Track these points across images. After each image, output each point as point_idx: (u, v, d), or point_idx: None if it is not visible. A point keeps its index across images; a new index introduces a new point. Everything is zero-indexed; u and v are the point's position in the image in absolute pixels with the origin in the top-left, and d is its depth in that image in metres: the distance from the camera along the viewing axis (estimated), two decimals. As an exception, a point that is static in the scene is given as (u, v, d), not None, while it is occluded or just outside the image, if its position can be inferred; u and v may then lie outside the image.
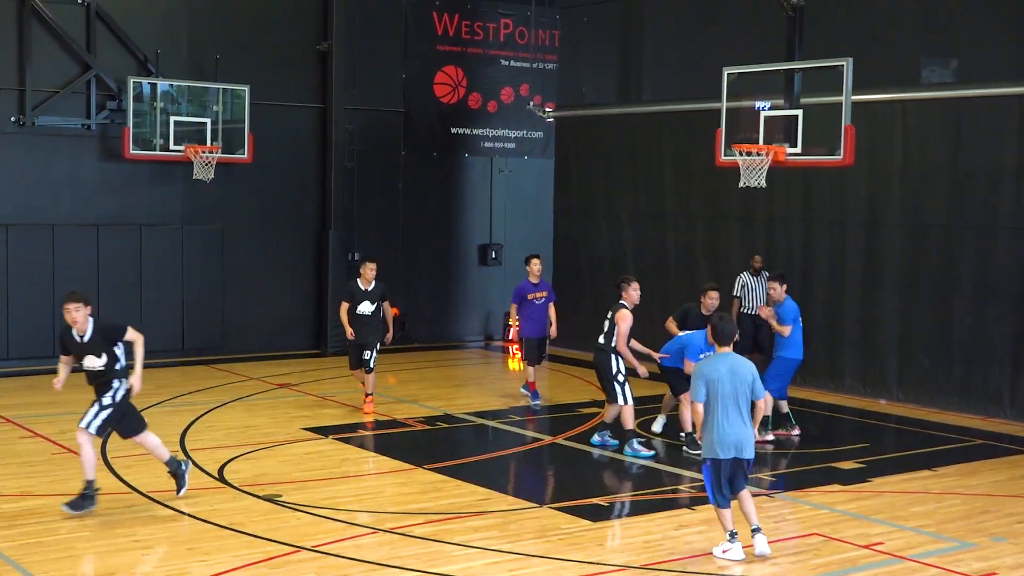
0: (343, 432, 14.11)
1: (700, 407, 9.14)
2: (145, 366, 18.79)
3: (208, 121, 19.33)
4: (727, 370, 9.12)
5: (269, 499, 10.96)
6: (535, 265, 16.53)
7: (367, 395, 15.24)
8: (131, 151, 18.78)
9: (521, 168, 23.65)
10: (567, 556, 9.38)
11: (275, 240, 20.69)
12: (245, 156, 19.59)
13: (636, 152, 20.54)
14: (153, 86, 19.08)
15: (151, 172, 19.47)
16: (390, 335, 15.46)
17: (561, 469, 12.87)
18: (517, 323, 16.56)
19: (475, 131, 23.13)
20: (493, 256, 23.17)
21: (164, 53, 19.55)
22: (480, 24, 23.08)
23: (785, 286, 14.06)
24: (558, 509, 10.83)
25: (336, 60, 21.07)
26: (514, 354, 17.93)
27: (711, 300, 13.78)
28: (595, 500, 11.19)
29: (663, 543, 9.82)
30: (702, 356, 11.93)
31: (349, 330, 14.93)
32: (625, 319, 12.94)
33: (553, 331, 16.41)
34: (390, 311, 15.39)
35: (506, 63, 23.46)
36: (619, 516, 10.89)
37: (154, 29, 19.61)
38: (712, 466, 9.17)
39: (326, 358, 20.15)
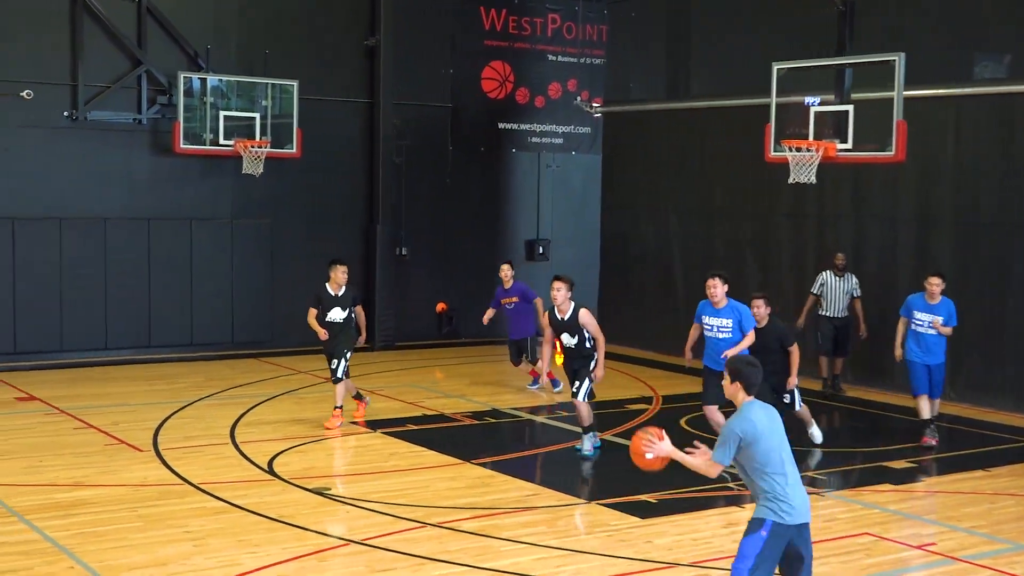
0: (391, 426, 14.16)
1: (718, 470, 7.13)
2: (196, 359, 19.15)
3: (257, 116, 19.43)
4: (768, 420, 7.10)
5: (318, 492, 11.03)
6: (503, 271, 16.83)
7: (335, 407, 13.99)
8: (181, 145, 18.93)
9: (568, 163, 23.62)
10: (615, 552, 9.38)
11: (323, 235, 20.75)
12: (294, 151, 19.69)
13: (684, 148, 20.47)
14: (203, 81, 19.22)
15: (201, 166, 19.62)
16: (363, 337, 14.34)
17: (609, 465, 12.82)
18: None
19: (522, 126, 23.13)
20: (540, 251, 23.15)
21: (214, 48, 19.68)
22: (527, 19, 23.06)
23: (944, 284, 13.54)
24: (606, 505, 10.82)
25: (384, 55, 21.12)
26: (561, 351, 17.86)
27: (756, 309, 12.61)
28: (643, 496, 11.15)
29: (712, 541, 9.78)
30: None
31: (322, 331, 13.82)
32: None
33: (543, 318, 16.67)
34: (362, 315, 14.28)
35: (553, 58, 23.43)
36: (667, 513, 10.82)
37: (204, 24, 19.75)
38: (774, 533, 6.99)
39: (374, 352, 20.23)
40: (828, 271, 16.53)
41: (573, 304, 12.67)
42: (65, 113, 18.74)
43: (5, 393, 16.14)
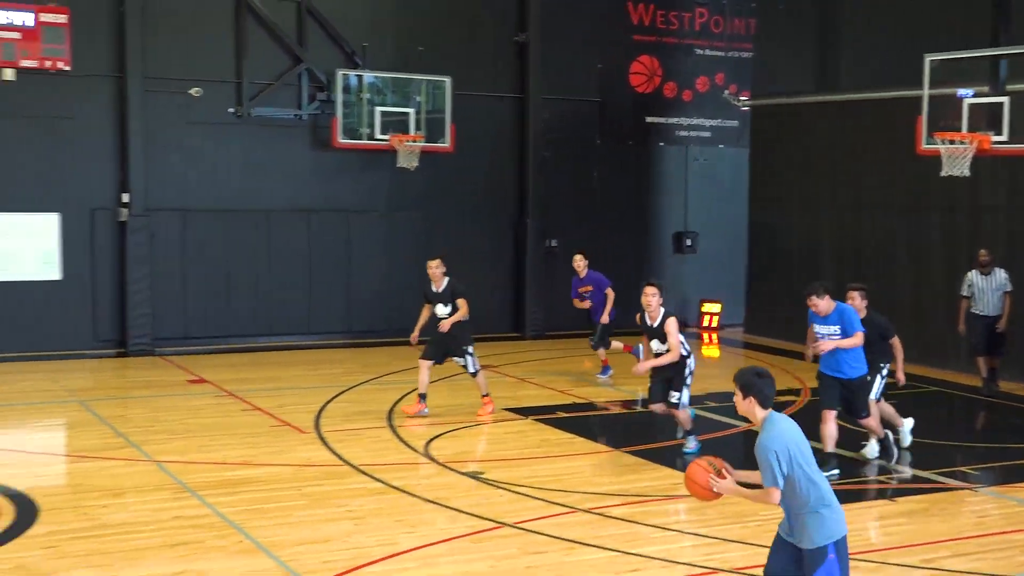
0: (542, 413, 14.27)
1: (779, 494, 6.41)
2: (353, 345, 19.41)
3: (412, 111, 19.70)
4: (796, 430, 6.53)
5: (472, 476, 11.17)
6: (576, 262, 16.77)
7: (483, 396, 14.09)
8: (340, 140, 19.34)
9: (716, 157, 23.43)
10: (763, 542, 9.28)
11: (475, 227, 20.99)
12: (447, 145, 19.92)
13: (833, 140, 20.10)
14: (360, 78, 19.59)
15: (359, 160, 20.01)
16: (445, 323, 13.80)
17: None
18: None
19: (670, 120, 23.00)
20: (688, 244, 23.01)
21: (370, 46, 20.04)
22: (675, 14, 22.91)
23: None
24: (755, 495, 10.72)
25: (533, 51, 21.25)
26: (708, 341, 17.83)
27: (852, 302, 11.79)
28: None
29: (862, 533, 9.64)
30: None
31: (414, 335, 14.03)
32: None
33: (604, 317, 16.41)
34: (462, 308, 13.77)
35: (701, 52, 23.25)
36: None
37: (361, 23, 20.13)
38: (839, 551, 6.48)
39: (525, 341, 20.39)
40: (974, 270, 15.81)
41: (663, 311, 12.12)
42: (231, 110, 19.31)
43: (177, 376, 16.75)
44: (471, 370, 13.93)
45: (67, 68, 18.03)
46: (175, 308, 19.02)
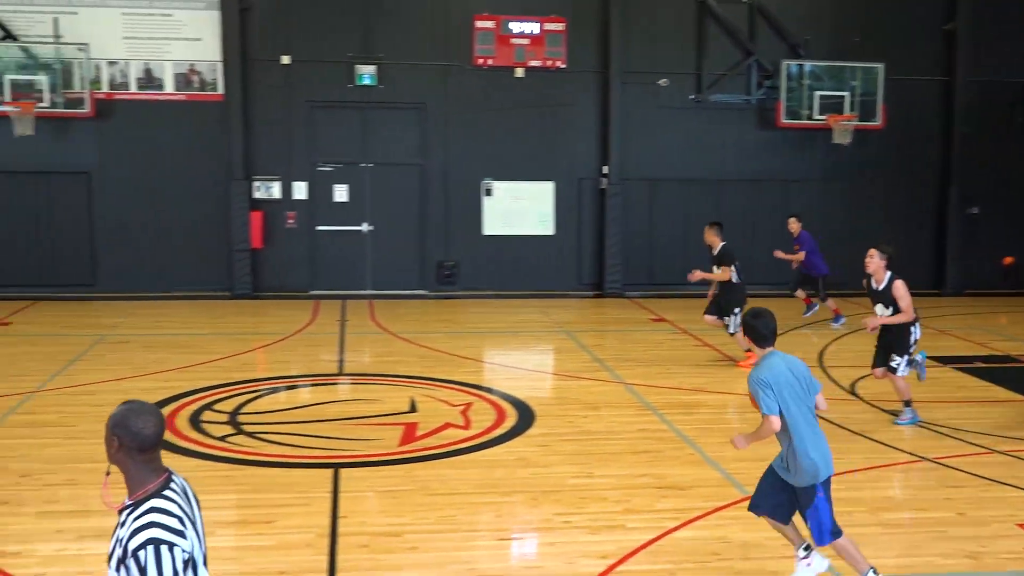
0: (960, 363, 13.17)
1: (777, 420, 5.88)
2: (782, 296, 18.35)
3: (847, 94, 18.77)
4: (788, 370, 5.94)
5: (893, 413, 10.49)
6: (790, 224, 15.91)
7: (746, 350, 12.71)
8: (783, 120, 18.77)
9: None
10: None
11: (901, 194, 19.70)
12: (878, 123, 18.80)
13: None
14: (800, 67, 18.86)
15: (798, 137, 19.30)
16: (710, 275, 12.77)
17: None
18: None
19: (1097, 97, 20.30)
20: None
21: (811, 39, 19.21)
22: (1107, -4, 20.10)
23: None
24: None
25: (962, 37, 19.48)
26: None
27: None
28: None
29: None
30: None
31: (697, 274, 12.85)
32: None
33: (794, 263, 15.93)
34: (725, 272, 12.60)
35: None
36: None
37: (803, 19, 19.31)
38: (825, 490, 5.99)
39: (943, 298, 18.89)
40: None
41: (889, 274, 9.97)
42: (691, 96, 19.22)
43: (642, 315, 17.03)
44: (730, 331, 12.79)
45: (563, 66, 18.68)
46: (642, 259, 19.32)
